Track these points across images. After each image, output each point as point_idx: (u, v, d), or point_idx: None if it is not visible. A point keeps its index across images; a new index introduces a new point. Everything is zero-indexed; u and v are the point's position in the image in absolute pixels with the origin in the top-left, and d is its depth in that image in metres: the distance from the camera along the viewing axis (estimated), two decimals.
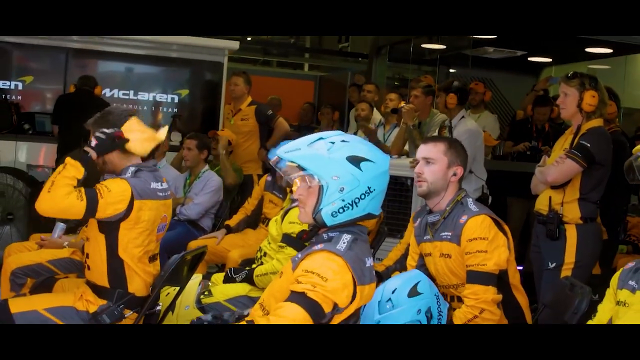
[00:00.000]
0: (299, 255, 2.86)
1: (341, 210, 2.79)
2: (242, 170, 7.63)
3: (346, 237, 2.80)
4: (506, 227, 3.70)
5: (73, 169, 3.60)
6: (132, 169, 3.79)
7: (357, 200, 2.79)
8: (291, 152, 2.84)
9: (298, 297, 2.65)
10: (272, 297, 2.89)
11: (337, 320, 2.80)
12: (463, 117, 6.41)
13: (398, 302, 3.36)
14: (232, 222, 6.46)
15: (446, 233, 3.70)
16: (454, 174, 3.74)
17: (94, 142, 3.69)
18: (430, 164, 3.74)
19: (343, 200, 2.79)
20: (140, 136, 3.79)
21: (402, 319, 3.34)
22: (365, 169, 2.78)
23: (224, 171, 7.16)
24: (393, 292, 3.39)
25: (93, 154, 3.67)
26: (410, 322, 3.34)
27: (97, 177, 3.89)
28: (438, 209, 3.76)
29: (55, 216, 3.64)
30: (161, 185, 3.91)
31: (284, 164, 2.86)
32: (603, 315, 2.90)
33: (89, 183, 3.69)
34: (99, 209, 3.62)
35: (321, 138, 2.85)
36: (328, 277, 2.67)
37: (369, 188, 2.79)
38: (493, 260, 3.56)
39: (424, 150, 3.79)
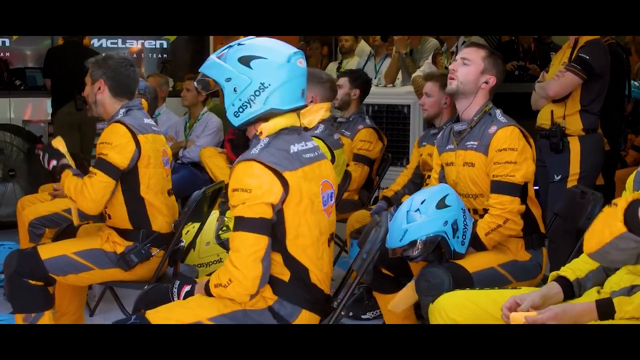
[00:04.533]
0: None
1: (241, 110, 2.88)
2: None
3: (265, 140, 2.88)
4: (531, 140, 3.74)
5: (64, 175, 3.86)
6: (122, 110, 3.90)
7: (252, 98, 2.85)
8: (204, 64, 2.97)
9: (240, 223, 2.78)
10: None
11: (289, 207, 2.85)
12: (465, 42, 6.47)
13: (426, 213, 3.44)
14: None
15: (472, 142, 3.73)
16: (486, 82, 3.76)
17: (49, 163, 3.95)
18: (466, 64, 3.76)
19: (240, 100, 2.86)
20: None
21: (429, 229, 3.43)
22: (256, 66, 2.84)
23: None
24: (422, 203, 3.47)
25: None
26: (436, 232, 3.43)
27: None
28: (466, 116, 3.80)
29: (101, 208, 3.81)
30: (151, 120, 4.04)
31: None
32: None
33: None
34: (118, 164, 3.74)
35: (229, 46, 2.93)
36: (250, 186, 2.77)
37: (262, 84, 2.84)
38: (521, 172, 3.61)
39: (464, 51, 3.82)
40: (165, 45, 9.04)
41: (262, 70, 2.85)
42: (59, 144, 4.02)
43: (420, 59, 7.11)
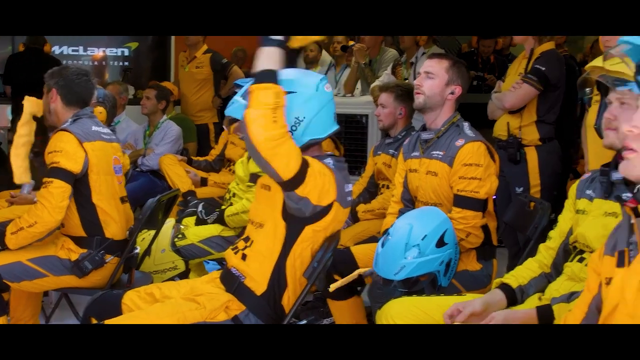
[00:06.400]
0: None
1: None
2: (193, 122, 7.70)
3: (328, 161, 2.93)
4: (496, 156, 3.81)
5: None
6: (70, 119, 3.92)
7: (290, 133, 2.83)
8: (230, 108, 2.93)
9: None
10: (257, 214, 3.05)
11: (319, 230, 2.94)
12: (424, 52, 6.57)
13: (425, 251, 3.37)
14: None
15: (437, 152, 3.78)
16: (452, 93, 3.81)
17: None
18: (431, 78, 3.81)
19: None
20: None
21: (426, 269, 3.38)
22: (287, 102, 2.77)
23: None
24: (423, 239, 3.39)
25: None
26: (430, 271, 3.40)
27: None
28: (434, 127, 3.85)
29: (63, 214, 3.75)
30: (103, 128, 4.05)
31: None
32: (564, 224, 3.03)
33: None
34: (72, 169, 3.75)
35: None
36: (325, 173, 2.83)
37: (297, 118, 2.86)
38: (485, 189, 3.67)
39: (428, 64, 3.86)
40: (127, 53, 9.05)
41: (294, 105, 2.84)
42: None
43: (379, 69, 7.18)
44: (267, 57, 2.75)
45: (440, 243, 3.42)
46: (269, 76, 2.69)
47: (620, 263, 2.03)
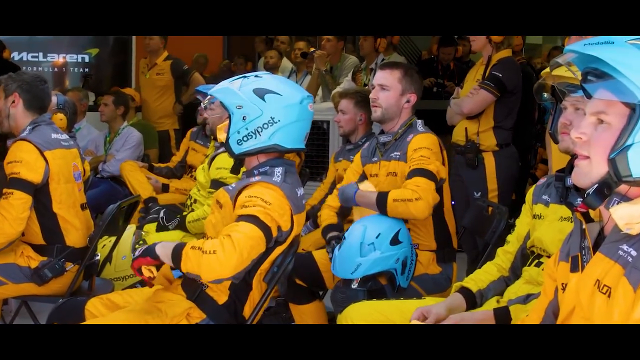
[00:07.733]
0: (233, 186, 3.01)
1: (245, 139, 2.95)
2: (154, 128, 7.69)
3: (279, 170, 2.95)
4: (445, 152, 3.86)
5: None
6: (28, 127, 3.87)
7: (259, 129, 2.92)
8: (214, 88, 3.07)
9: (251, 219, 2.78)
10: (214, 228, 3.03)
11: (279, 250, 2.98)
12: (384, 59, 6.63)
13: (380, 249, 3.46)
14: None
15: (396, 153, 3.84)
16: (408, 101, 3.89)
17: None
18: (385, 90, 3.88)
19: (246, 129, 2.93)
20: None
21: (383, 266, 3.46)
22: (269, 100, 2.92)
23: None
24: (377, 237, 3.48)
25: None
26: (388, 269, 3.48)
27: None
28: (392, 131, 3.92)
29: (24, 225, 3.73)
30: (61, 135, 4.02)
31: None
32: (521, 228, 3.08)
33: None
34: (32, 180, 3.71)
35: (244, 76, 3.02)
36: (271, 201, 2.83)
37: (272, 118, 2.91)
38: (435, 164, 3.68)
39: (380, 77, 3.93)
40: (87, 59, 9.00)
41: (274, 105, 2.92)
42: None
43: (340, 75, 7.23)
44: (163, 248, 2.80)
45: (395, 241, 3.50)
46: (176, 253, 2.75)
47: (574, 268, 2.07)
